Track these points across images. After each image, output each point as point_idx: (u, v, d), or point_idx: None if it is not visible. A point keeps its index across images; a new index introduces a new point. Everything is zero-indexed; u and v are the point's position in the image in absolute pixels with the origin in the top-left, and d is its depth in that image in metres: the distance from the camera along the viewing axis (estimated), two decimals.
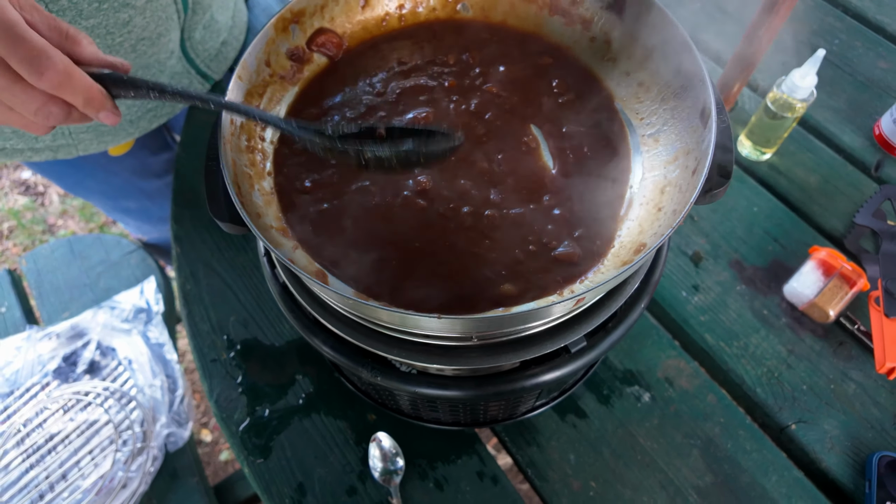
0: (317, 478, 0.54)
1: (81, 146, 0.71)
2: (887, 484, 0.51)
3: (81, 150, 0.72)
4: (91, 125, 0.69)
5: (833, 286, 0.59)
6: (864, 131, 0.73)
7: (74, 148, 0.71)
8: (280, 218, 0.40)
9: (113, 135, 0.72)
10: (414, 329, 0.37)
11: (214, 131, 0.38)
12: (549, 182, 0.42)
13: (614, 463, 0.54)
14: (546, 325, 0.39)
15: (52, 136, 0.69)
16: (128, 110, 0.71)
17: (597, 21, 0.47)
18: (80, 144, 0.71)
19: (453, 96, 0.46)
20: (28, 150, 0.69)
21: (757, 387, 0.57)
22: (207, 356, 0.60)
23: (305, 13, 0.46)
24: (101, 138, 0.71)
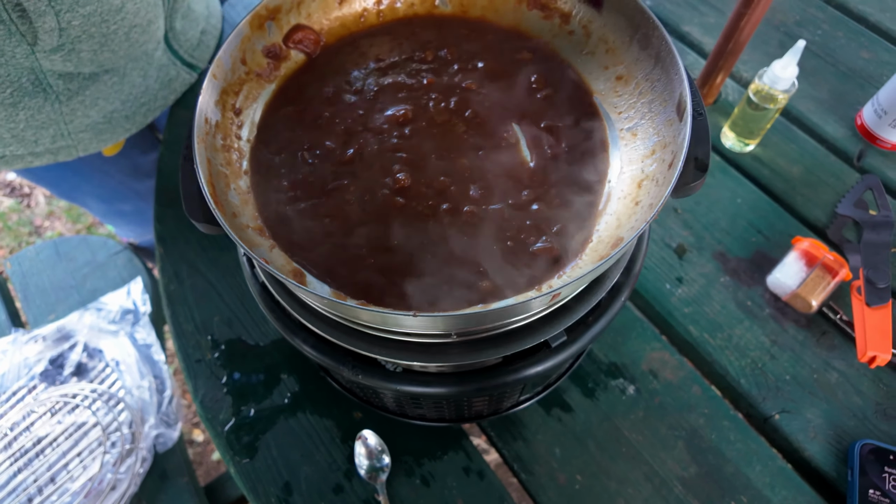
0: (303, 476, 0.54)
1: (81, 146, 0.71)
2: (869, 471, 0.52)
3: (81, 151, 0.72)
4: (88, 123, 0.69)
5: (815, 276, 0.59)
6: (846, 121, 0.74)
7: (74, 149, 0.71)
8: (257, 217, 0.40)
9: (111, 132, 0.72)
10: (393, 327, 0.36)
11: (189, 130, 0.37)
12: (528, 177, 0.42)
13: (600, 456, 0.54)
14: (526, 320, 0.39)
15: (51, 139, 0.69)
16: (122, 106, 0.71)
17: (575, 15, 0.47)
18: (79, 145, 0.71)
19: (432, 94, 0.46)
20: (28, 156, 0.69)
21: (741, 378, 0.57)
22: (192, 356, 0.60)
23: (282, 9, 0.45)
24: (100, 136, 0.71)
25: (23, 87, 0.61)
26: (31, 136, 0.67)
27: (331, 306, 0.37)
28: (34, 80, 0.62)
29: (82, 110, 0.68)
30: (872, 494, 0.51)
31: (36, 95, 0.63)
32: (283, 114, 0.44)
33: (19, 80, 0.61)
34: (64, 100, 0.65)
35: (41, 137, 0.68)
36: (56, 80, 0.63)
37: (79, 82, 0.66)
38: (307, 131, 0.44)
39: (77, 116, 0.68)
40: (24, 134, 0.66)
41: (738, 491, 0.52)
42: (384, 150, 0.43)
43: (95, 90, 0.68)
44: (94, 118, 0.70)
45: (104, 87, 0.69)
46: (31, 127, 0.67)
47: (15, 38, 0.57)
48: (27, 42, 0.58)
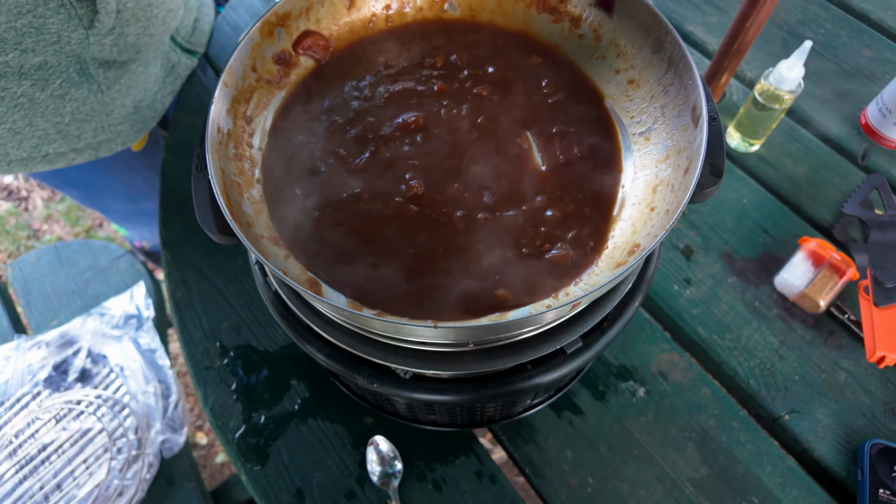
0: (315, 483, 0.54)
1: (120, 139, 0.72)
2: (879, 471, 0.52)
3: (120, 144, 0.73)
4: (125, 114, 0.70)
5: (823, 276, 0.59)
6: (850, 120, 0.74)
7: (114, 142, 0.72)
8: (271, 227, 0.39)
9: (141, 123, 0.75)
10: (410, 336, 0.36)
11: (202, 140, 0.37)
12: (541, 183, 0.42)
13: (611, 458, 0.54)
14: (542, 328, 0.39)
15: (93, 133, 0.70)
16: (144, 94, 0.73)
17: (585, 18, 0.46)
18: (118, 137, 0.72)
19: (443, 101, 0.46)
20: (71, 152, 0.70)
21: (750, 378, 0.58)
22: (201, 363, 0.60)
23: (291, 16, 0.45)
24: (133, 127, 0.74)
25: (70, 77, 0.63)
26: (74, 130, 0.68)
27: (348, 317, 0.37)
28: (80, 69, 0.63)
29: (119, 100, 0.70)
30: (883, 494, 0.52)
31: (81, 86, 0.65)
32: (294, 121, 0.44)
33: (68, 71, 0.62)
34: (105, 89, 0.67)
35: (84, 131, 0.69)
36: (97, 69, 0.66)
37: (115, 71, 0.68)
38: (318, 139, 0.43)
39: (116, 106, 0.70)
40: (68, 129, 0.67)
41: (749, 492, 0.53)
42: (397, 158, 0.43)
43: (128, 79, 0.70)
44: (129, 108, 0.72)
45: (133, 76, 0.71)
46: (76, 120, 0.68)
47: (73, 23, 0.58)
48: (83, 26, 0.59)
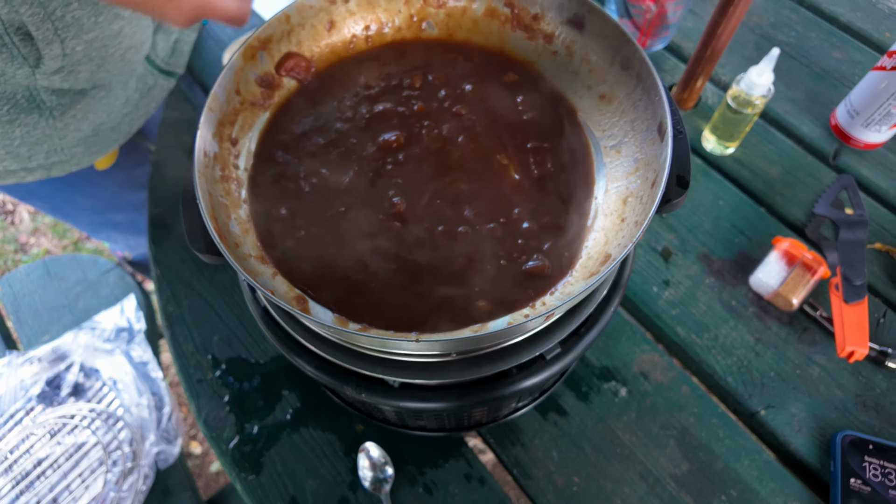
0: (309, 491, 0.55)
1: (74, 161, 0.72)
2: (850, 461, 0.55)
3: (74, 165, 0.73)
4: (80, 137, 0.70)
5: (796, 275, 0.62)
6: (821, 121, 0.76)
7: (67, 163, 0.72)
8: (258, 246, 0.41)
9: (100, 145, 0.73)
10: (394, 349, 0.38)
11: (190, 165, 0.38)
12: (518, 197, 0.44)
13: (595, 457, 0.56)
14: (522, 336, 0.40)
15: (45, 155, 0.70)
16: (108, 118, 0.72)
17: (558, 35, 0.48)
18: (72, 160, 0.72)
19: (423, 120, 0.47)
20: (22, 171, 0.70)
21: (728, 376, 0.60)
22: (193, 376, 0.61)
23: (272, 39, 0.46)
24: (91, 150, 0.72)
25: (18, 103, 0.63)
26: (25, 152, 0.68)
27: (334, 332, 0.38)
28: (29, 96, 0.63)
29: (74, 125, 0.69)
30: (854, 483, 0.54)
31: (31, 112, 0.64)
32: (278, 142, 0.46)
33: (15, 97, 0.62)
34: (57, 115, 0.66)
35: (35, 153, 0.69)
36: (50, 95, 0.65)
37: (71, 97, 0.67)
38: (302, 159, 0.45)
39: (70, 131, 0.69)
40: (18, 150, 0.67)
41: (728, 486, 0.55)
42: (379, 177, 0.44)
43: (85, 105, 0.69)
44: (85, 132, 0.71)
45: (93, 102, 0.70)
46: (26, 143, 0.68)
47: (17, 62, 0.58)
48: (29, 65, 0.59)
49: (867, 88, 0.69)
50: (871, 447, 0.55)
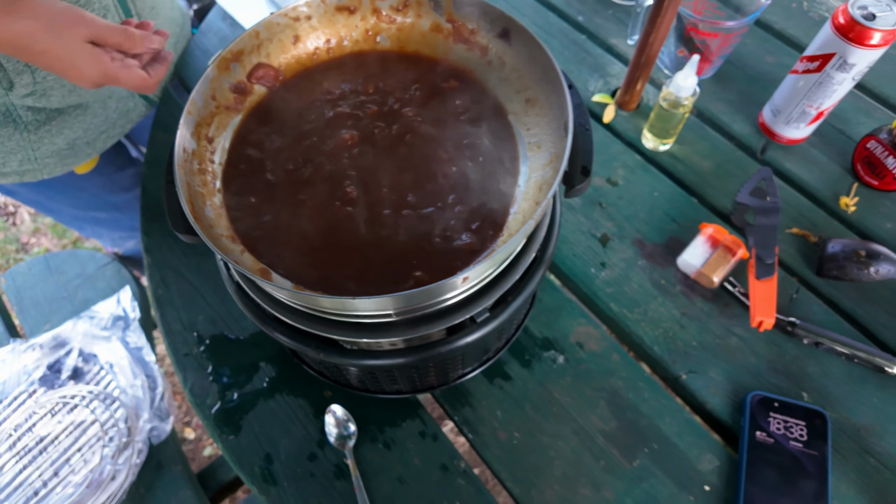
0: (282, 448, 0.63)
1: (46, 170, 0.78)
2: (757, 417, 0.62)
3: (46, 174, 0.79)
4: (54, 150, 0.77)
5: (717, 256, 0.69)
6: (751, 120, 0.84)
7: (40, 172, 0.78)
8: (229, 227, 0.48)
9: (73, 157, 0.79)
10: (342, 310, 0.45)
11: (170, 159, 0.46)
12: (454, 185, 0.51)
13: (534, 416, 0.64)
14: (453, 300, 0.48)
15: (19, 163, 0.76)
16: (84, 134, 0.78)
17: (491, 48, 0.56)
18: (45, 168, 0.78)
19: (376, 122, 0.55)
20: None
21: (654, 345, 0.67)
22: (180, 351, 0.68)
23: (244, 52, 0.54)
24: (64, 161, 0.79)
25: None
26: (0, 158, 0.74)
27: (293, 297, 0.46)
28: (5, 111, 0.69)
29: (49, 139, 0.76)
30: (759, 436, 0.61)
31: (6, 125, 0.71)
32: (249, 140, 0.53)
33: None
34: (32, 129, 0.73)
35: (9, 161, 0.75)
36: (25, 112, 0.71)
37: (46, 114, 0.73)
38: (270, 154, 0.52)
39: (44, 144, 0.76)
40: None
41: (650, 440, 0.62)
42: (336, 170, 0.52)
43: (61, 121, 0.75)
44: (59, 145, 0.77)
45: (69, 119, 0.76)
46: (1, 152, 0.74)
47: None
48: (2, 87, 0.65)
49: (786, 89, 0.76)
50: (777, 405, 0.63)
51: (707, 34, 0.78)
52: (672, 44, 0.84)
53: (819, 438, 0.61)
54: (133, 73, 0.56)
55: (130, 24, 0.59)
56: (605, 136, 0.83)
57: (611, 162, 0.81)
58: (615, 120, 0.85)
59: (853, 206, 0.76)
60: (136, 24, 0.59)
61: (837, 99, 0.73)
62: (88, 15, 0.54)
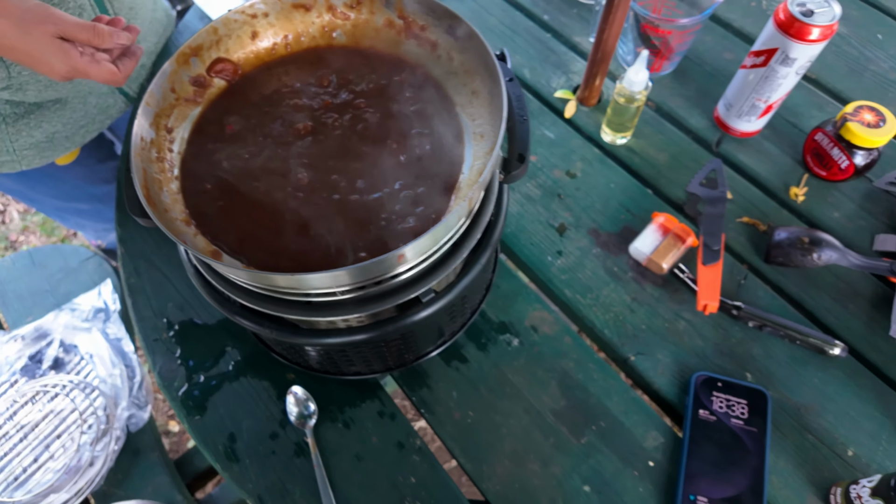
0: (245, 427, 0.65)
1: (24, 161, 0.81)
2: (701, 396, 0.65)
3: (25, 165, 0.82)
4: (32, 142, 0.79)
5: (667, 244, 0.72)
6: (707, 114, 0.87)
7: (18, 163, 0.81)
8: (185, 212, 0.51)
9: (51, 150, 0.82)
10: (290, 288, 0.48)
11: (126, 147, 0.49)
12: (402, 172, 0.54)
13: (488, 396, 0.66)
14: (399, 279, 0.50)
15: None
16: (63, 128, 0.81)
17: (440, 43, 0.59)
18: (23, 160, 0.81)
19: (330, 113, 0.58)
20: None
21: (605, 329, 0.70)
22: (150, 336, 0.71)
23: (203, 47, 0.57)
24: (42, 154, 0.81)
25: None
26: None
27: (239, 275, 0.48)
28: None
29: (27, 131, 0.78)
30: (702, 413, 0.64)
31: None
32: (208, 131, 0.56)
33: None
34: (10, 122, 0.76)
35: None
36: (3, 105, 0.74)
37: (25, 108, 0.76)
38: (227, 144, 0.55)
39: (21, 136, 0.79)
40: None
41: (598, 418, 0.65)
42: (289, 157, 0.55)
43: (39, 115, 0.78)
44: (38, 138, 0.80)
45: (48, 113, 0.79)
46: None
47: None
48: None
49: (737, 84, 0.79)
50: (720, 384, 0.66)
51: (661, 31, 0.81)
52: (631, 41, 0.87)
53: (759, 416, 0.64)
54: (102, 66, 0.59)
55: (101, 20, 0.61)
56: (566, 131, 0.86)
57: (570, 155, 0.84)
58: (576, 115, 0.88)
59: (802, 196, 0.79)
60: (106, 21, 0.61)
61: (784, 92, 0.76)
62: (57, 12, 0.57)
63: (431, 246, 0.48)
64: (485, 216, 0.55)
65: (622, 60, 0.93)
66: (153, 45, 0.92)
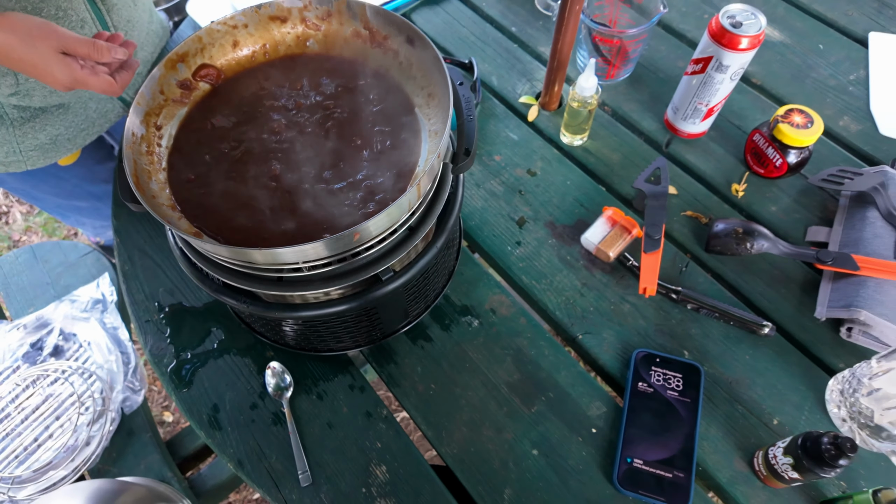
0: (227, 399, 0.72)
1: (30, 161, 0.88)
2: (640, 370, 0.72)
3: (30, 165, 0.89)
4: (37, 144, 0.87)
5: (613, 234, 0.79)
6: (659, 117, 0.94)
7: (24, 163, 0.88)
8: (170, 198, 0.58)
9: (55, 152, 0.89)
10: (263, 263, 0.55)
11: (120, 140, 0.56)
12: (365, 166, 0.61)
13: (450, 371, 0.73)
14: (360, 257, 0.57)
15: (4, 154, 0.86)
16: (66, 131, 0.88)
17: (401, 51, 0.66)
18: (28, 160, 0.88)
19: (303, 113, 0.65)
20: None
21: (557, 310, 0.77)
22: (142, 318, 0.78)
23: (189, 54, 0.64)
24: (46, 155, 0.88)
25: None
26: None
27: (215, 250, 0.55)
28: None
29: (32, 134, 0.86)
30: (641, 386, 0.71)
31: None
32: (193, 128, 0.63)
33: None
34: (17, 125, 0.83)
35: None
36: (12, 109, 0.81)
37: (31, 112, 0.83)
38: (209, 140, 0.62)
39: (27, 138, 0.86)
40: None
41: (548, 389, 0.72)
42: (264, 152, 0.62)
43: (44, 119, 0.85)
44: (42, 140, 0.87)
45: (52, 117, 0.86)
46: None
47: None
48: None
49: (681, 89, 0.87)
50: (658, 360, 0.72)
51: (609, 41, 0.88)
52: (588, 52, 0.94)
53: (693, 388, 0.71)
54: (101, 78, 0.65)
55: (101, 37, 0.69)
56: (529, 133, 0.94)
57: (531, 155, 0.91)
58: (538, 119, 0.95)
59: (742, 192, 0.86)
60: (105, 37, 0.69)
61: (722, 97, 0.84)
62: (60, 29, 0.64)
63: (386, 226, 0.55)
64: (438, 204, 0.62)
65: (581, 69, 1.00)
66: (149, 54, 0.99)
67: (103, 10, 0.81)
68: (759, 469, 0.66)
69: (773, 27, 1.05)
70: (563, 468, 0.67)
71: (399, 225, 0.57)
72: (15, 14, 0.63)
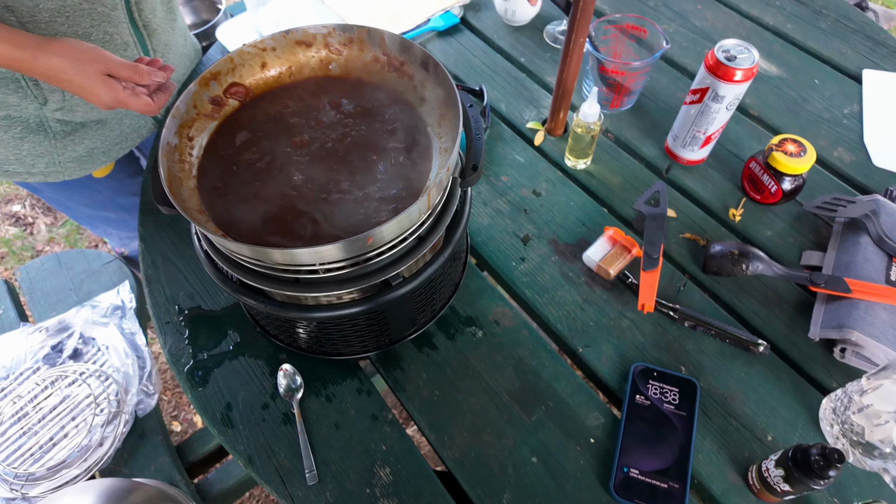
0: (241, 398, 0.75)
1: (67, 172, 0.94)
2: (638, 383, 0.74)
3: (67, 176, 0.95)
4: (75, 156, 0.92)
5: (614, 253, 0.83)
6: (659, 144, 0.99)
7: (62, 174, 0.94)
8: (199, 203, 0.63)
9: (91, 163, 0.95)
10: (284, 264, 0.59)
11: (155, 150, 0.61)
12: (380, 177, 0.66)
13: (453, 377, 0.76)
14: (372, 262, 0.61)
15: (45, 165, 0.92)
16: (102, 144, 0.94)
17: (416, 76, 0.71)
18: (66, 171, 0.94)
19: (323, 129, 0.70)
20: (26, 174, 0.92)
21: (558, 324, 0.80)
22: (163, 319, 0.82)
23: (221, 73, 0.69)
24: (82, 166, 0.94)
25: (29, 126, 0.85)
26: (30, 161, 0.90)
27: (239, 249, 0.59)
28: (38, 122, 0.85)
29: (72, 147, 0.92)
30: (638, 398, 0.73)
31: (39, 133, 0.87)
32: (222, 140, 0.68)
33: (27, 122, 0.85)
34: (59, 138, 0.89)
35: (38, 163, 0.91)
36: (55, 123, 0.87)
37: (72, 126, 0.89)
38: (236, 151, 0.67)
39: (67, 151, 0.92)
40: (25, 159, 0.90)
41: (547, 399, 0.74)
42: (286, 164, 0.66)
43: (83, 133, 0.91)
44: (80, 152, 0.93)
45: (90, 131, 0.92)
46: (32, 155, 0.90)
47: (29, 99, 0.81)
48: (38, 102, 0.81)
49: (680, 118, 0.91)
50: (655, 374, 0.75)
51: (616, 72, 0.93)
52: (594, 81, 1.00)
53: (689, 402, 0.73)
54: (140, 99, 0.71)
55: (142, 61, 0.75)
56: (534, 157, 0.98)
57: (537, 177, 0.95)
58: (544, 143, 1.00)
59: (739, 217, 0.90)
60: (146, 62, 0.75)
61: (719, 125, 0.88)
62: (107, 54, 0.70)
63: (397, 233, 0.59)
64: (447, 216, 0.66)
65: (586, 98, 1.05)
66: (181, 74, 1.06)
67: (145, 35, 0.88)
68: (753, 482, 0.68)
69: (769, 62, 1.10)
70: (560, 475, 0.69)
71: (409, 233, 0.61)
72: (68, 39, 0.69)
